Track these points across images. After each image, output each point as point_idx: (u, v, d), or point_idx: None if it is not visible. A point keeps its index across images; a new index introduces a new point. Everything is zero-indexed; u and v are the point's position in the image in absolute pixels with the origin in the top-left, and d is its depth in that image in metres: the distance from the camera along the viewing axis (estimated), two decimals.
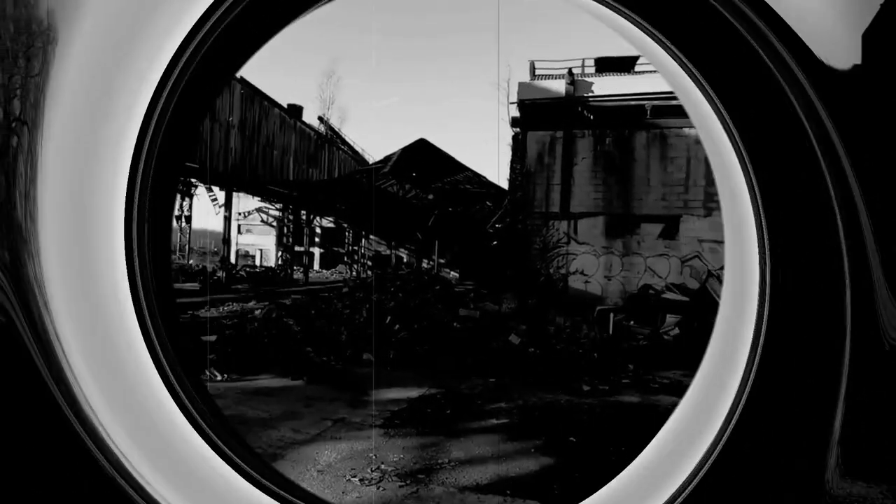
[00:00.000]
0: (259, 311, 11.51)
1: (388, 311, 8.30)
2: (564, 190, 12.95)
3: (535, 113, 13.32)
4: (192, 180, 35.19)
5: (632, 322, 11.30)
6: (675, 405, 2.01)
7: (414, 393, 5.82)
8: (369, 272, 44.54)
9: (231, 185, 22.29)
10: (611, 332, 11.23)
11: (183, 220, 36.55)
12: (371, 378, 6.28)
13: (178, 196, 35.68)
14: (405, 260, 46.83)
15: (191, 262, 35.91)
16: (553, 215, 13.04)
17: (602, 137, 12.86)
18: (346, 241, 44.32)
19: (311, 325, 8.32)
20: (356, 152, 39.58)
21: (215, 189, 25.25)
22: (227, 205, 21.74)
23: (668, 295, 11.22)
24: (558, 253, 12.93)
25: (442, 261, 48.08)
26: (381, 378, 6.38)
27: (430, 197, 25.19)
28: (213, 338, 8.18)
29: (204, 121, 20.50)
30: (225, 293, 18.88)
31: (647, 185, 12.46)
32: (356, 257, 45.27)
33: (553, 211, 13.06)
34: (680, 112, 12.62)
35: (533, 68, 14.27)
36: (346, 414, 4.99)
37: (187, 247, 38.72)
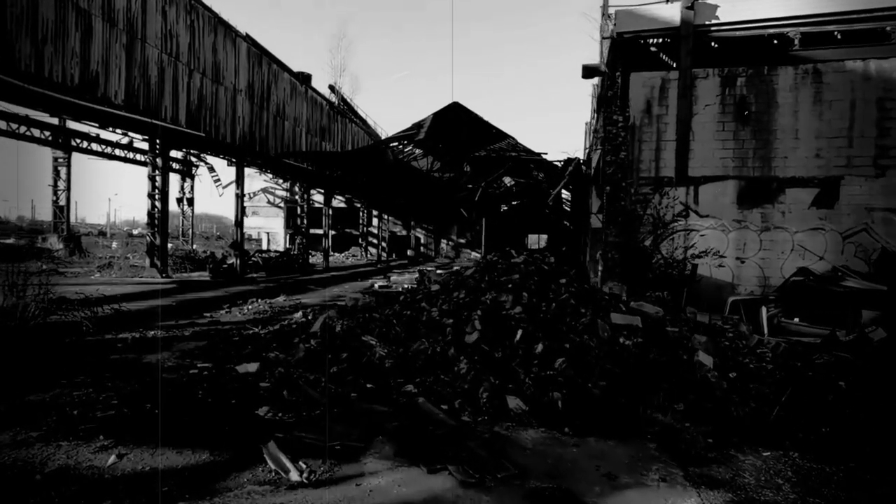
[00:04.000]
0: (300, 314, 8.72)
1: (515, 322, 5.50)
2: (681, 148, 10.06)
3: (640, 49, 10.35)
4: (194, 158, 32.21)
5: (795, 319, 8.51)
6: None
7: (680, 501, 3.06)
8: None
9: (242, 157, 19.31)
10: (766, 332, 8.46)
11: (185, 202, 33.66)
12: (563, 460, 3.51)
13: (180, 176, 32.70)
14: (422, 241, 43.99)
15: (195, 247, 33.15)
16: (666, 181, 10.16)
17: (732, 77, 9.88)
18: (361, 221, 41.41)
19: (400, 346, 5.53)
20: (368, 125, 36.38)
21: (222, 164, 22.29)
22: (239, 181, 18.78)
23: (851, 282, 8.44)
24: (673, 229, 10.10)
25: (462, 241, 45.21)
26: (569, 460, 3.62)
27: (467, 169, 22.24)
28: (253, 367, 5.41)
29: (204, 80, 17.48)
30: (241, 284, 16.12)
31: (795, 139, 9.57)
32: (370, 239, 42.42)
33: (666, 175, 10.17)
34: (841, 40, 9.63)
35: None
36: None
37: (190, 231, 35.88)
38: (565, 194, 33.36)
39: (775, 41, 9.87)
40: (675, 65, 10.33)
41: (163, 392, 4.68)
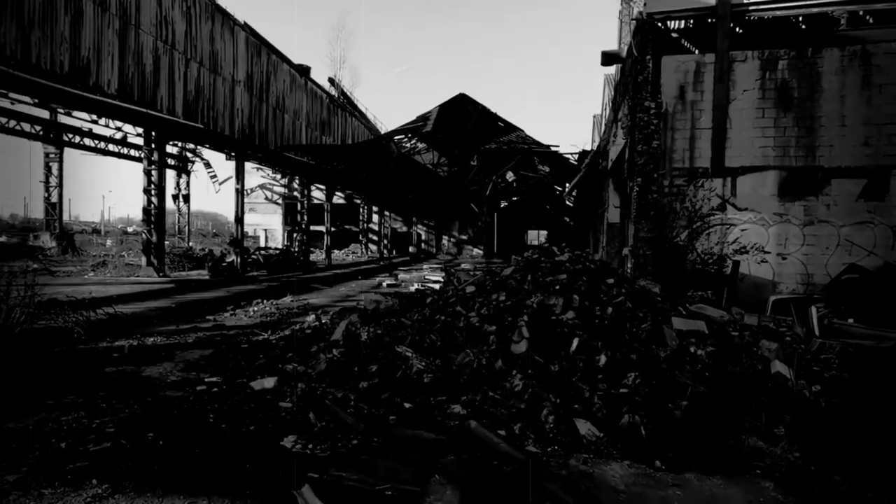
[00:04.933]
0: (312, 317, 8.01)
1: (569, 329, 4.82)
2: (717, 136, 9.39)
3: (670, 32, 9.67)
4: (189, 154, 31.35)
5: (849, 320, 7.88)
6: None
7: None
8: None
9: (242, 150, 18.52)
10: (817, 333, 7.81)
11: (180, 199, 32.80)
12: None
13: (175, 172, 31.84)
14: (423, 237, 43.26)
15: (191, 244, 32.35)
16: (700, 172, 9.50)
17: (773, 61, 9.21)
18: (361, 218, 40.63)
19: (436, 357, 4.83)
20: (367, 119, 35.55)
21: (219, 160, 21.49)
22: (239, 175, 18.00)
23: None
24: (710, 224, 9.44)
25: (464, 237, 44.49)
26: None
27: (474, 163, 21.51)
28: (270, 382, 4.71)
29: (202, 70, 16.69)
30: (243, 283, 15.39)
31: (841, 126, 8.92)
32: (370, 236, 41.68)
33: (701, 166, 9.51)
34: (893, 18, 8.97)
35: None
36: None
37: (187, 228, 35.01)
38: (560, 188, 32.71)
39: (820, 21, 9.20)
40: (696, 50, 9.65)
41: (167, 417, 3.98)
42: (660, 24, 9.87)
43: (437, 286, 15.11)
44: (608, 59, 13.41)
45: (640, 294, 5.68)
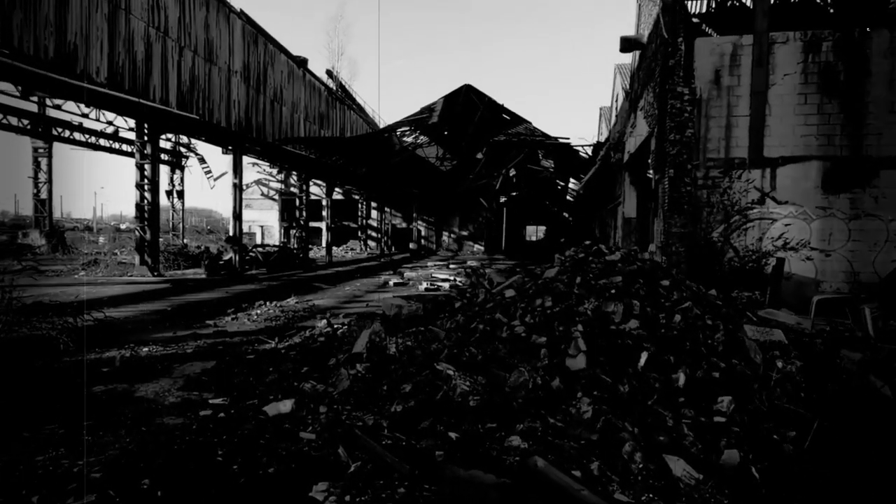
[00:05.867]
0: (323, 322, 7.30)
1: (634, 341, 4.15)
2: (756, 124, 8.75)
3: (705, 11, 9.02)
4: (183, 148, 30.45)
5: None
6: None
7: None
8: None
9: (239, 143, 17.73)
10: (872, 336, 7.19)
11: (175, 195, 31.91)
12: None
13: (169, 168, 30.92)
14: (423, 233, 42.51)
15: (186, 242, 31.51)
16: (737, 162, 8.85)
17: (816, 42, 8.56)
18: (360, 214, 39.84)
19: (478, 373, 4.15)
20: (366, 113, 34.72)
21: (214, 154, 20.67)
22: (236, 169, 17.21)
23: None
24: (748, 218, 8.79)
25: (465, 233, 43.75)
26: None
27: (479, 156, 20.79)
28: (287, 406, 4.02)
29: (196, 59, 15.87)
30: (242, 283, 14.65)
31: (891, 112, 8.29)
32: (369, 232, 40.90)
33: (737, 156, 8.86)
34: None
35: None
36: None
37: (181, 225, 34.12)
38: (562, 183, 32.06)
39: None
40: (748, 28, 8.96)
41: (167, 454, 3.28)
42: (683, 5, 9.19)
43: (446, 285, 14.44)
44: (628, 44, 12.74)
45: (701, 298, 5.02)
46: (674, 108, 8.95)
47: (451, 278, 16.16)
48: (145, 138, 14.91)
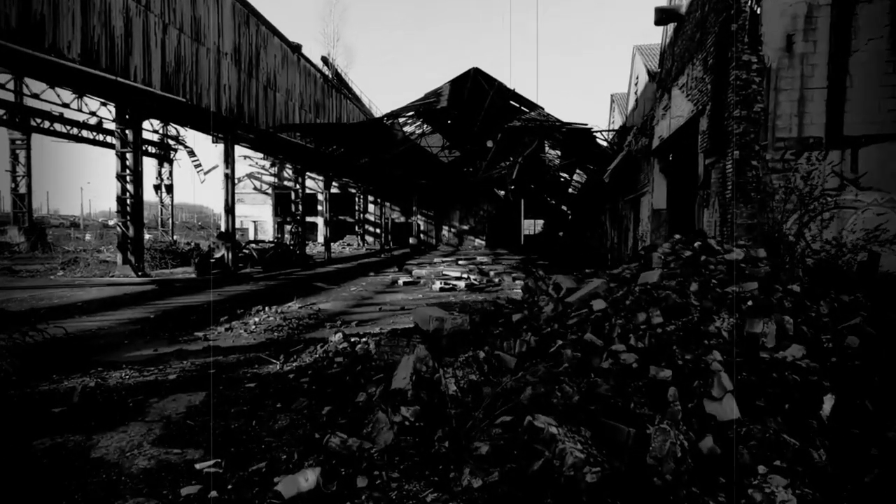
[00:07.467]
0: (338, 336, 5.99)
1: (801, 376, 2.91)
2: (834, 98, 7.55)
3: None
4: (172, 140, 28.86)
5: None
6: None
7: None
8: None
9: (230, 131, 16.31)
10: None
11: (163, 189, 30.32)
12: None
13: (157, 161, 29.33)
14: (422, 228, 41.16)
15: (175, 238, 30.03)
16: (812, 142, 7.64)
17: None
18: (357, 208, 38.44)
19: (585, 424, 2.89)
20: (362, 103, 33.25)
21: (204, 146, 19.23)
22: (228, 159, 15.80)
23: None
24: (825, 206, 7.62)
25: (465, 227, 42.41)
26: None
27: (490, 145, 19.48)
28: (309, 481, 2.75)
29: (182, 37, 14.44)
30: (236, 283, 13.31)
31: None
32: (367, 227, 39.52)
33: (812, 135, 7.65)
34: None
35: None
36: None
37: (170, 221, 32.57)
38: (565, 175, 30.87)
39: None
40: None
41: None
42: None
43: (461, 283, 13.19)
44: (664, 15, 11.49)
45: (867, 310, 3.78)
46: (739, 79, 7.69)
47: (465, 275, 14.90)
48: (126, 125, 13.48)
